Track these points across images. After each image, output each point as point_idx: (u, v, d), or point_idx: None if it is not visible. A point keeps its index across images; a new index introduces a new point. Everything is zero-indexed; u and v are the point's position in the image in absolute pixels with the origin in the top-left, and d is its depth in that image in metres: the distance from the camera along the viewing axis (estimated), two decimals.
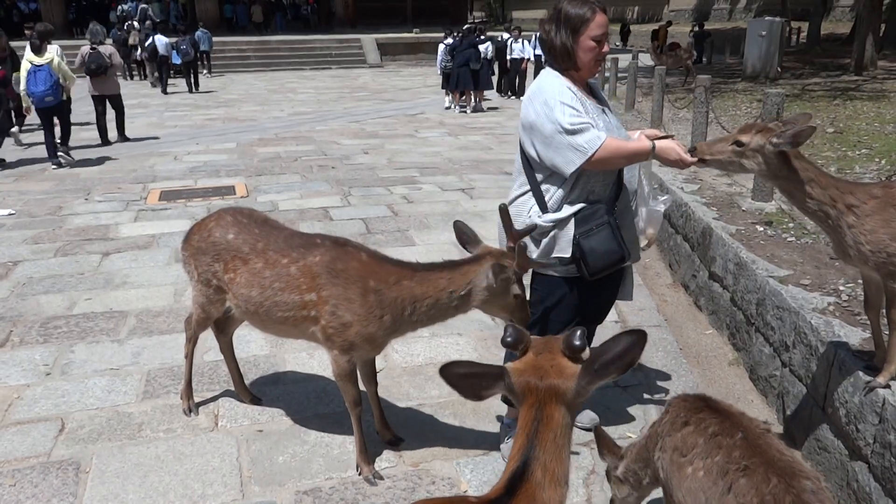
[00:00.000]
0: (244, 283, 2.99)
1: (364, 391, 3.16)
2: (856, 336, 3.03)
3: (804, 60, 18.04)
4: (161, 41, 19.01)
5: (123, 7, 27.98)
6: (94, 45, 10.67)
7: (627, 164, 2.89)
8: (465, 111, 14.67)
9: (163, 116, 14.26)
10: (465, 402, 3.60)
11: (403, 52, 26.85)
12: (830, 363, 2.99)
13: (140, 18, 25.22)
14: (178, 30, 20.46)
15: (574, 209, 2.79)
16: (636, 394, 3.74)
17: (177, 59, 18.85)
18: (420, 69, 24.80)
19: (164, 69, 18.94)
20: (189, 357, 3.50)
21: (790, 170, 2.50)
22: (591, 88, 2.94)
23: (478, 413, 3.53)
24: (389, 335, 2.90)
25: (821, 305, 3.38)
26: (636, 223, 3.11)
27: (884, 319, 2.60)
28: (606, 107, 2.94)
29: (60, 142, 9.82)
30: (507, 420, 3.25)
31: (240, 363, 3.67)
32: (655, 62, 16.88)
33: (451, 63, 14.59)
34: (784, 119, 2.71)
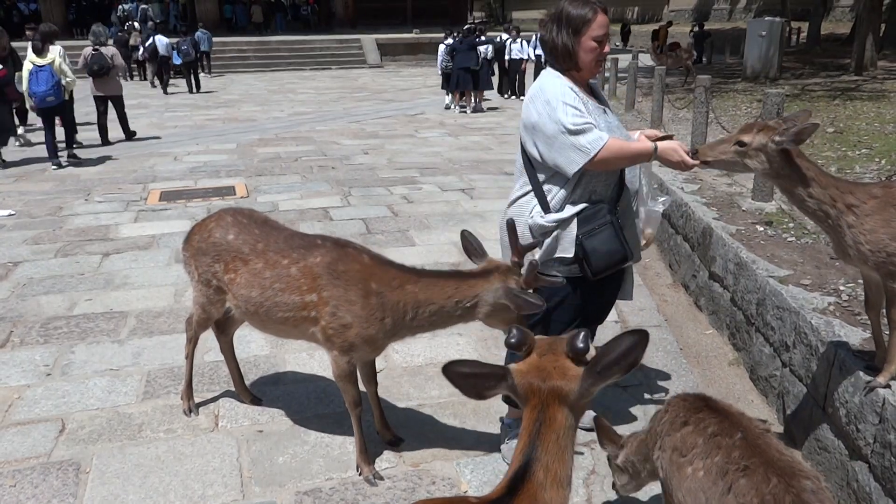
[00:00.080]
0: (244, 284, 2.99)
1: (364, 391, 3.17)
2: (856, 336, 3.03)
3: (804, 60, 18.04)
4: (161, 41, 19.03)
5: (124, 7, 28.00)
6: (97, 47, 10.69)
7: (630, 165, 2.89)
8: (465, 111, 14.67)
9: (163, 117, 14.26)
10: (466, 403, 3.60)
11: (403, 53, 26.84)
12: (831, 363, 2.99)
13: (141, 19, 25.26)
14: (180, 31, 20.47)
15: (576, 209, 2.79)
16: (636, 394, 3.74)
17: (177, 60, 18.86)
18: (420, 69, 24.79)
19: (165, 69, 18.96)
20: (189, 357, 3.50)
21: (792, 168, 2.50)
22: (592, 89, 2.94)
23: (478, 413, 3.53)
24: (389, 338, 2.90)
25: (821, 305, 3.38)
26: (636, 223, 3.12)
27: (884, 319, 2.60)
28: (607, 107, 2.94)
29: (66, 144, 9.84)
30: (508, 420, 3.24)
31: (240, 363, 3.67)
32: (655, 62, 16.89)
33: (452, 63, 14.61)
34: (784, 117, 2.71)
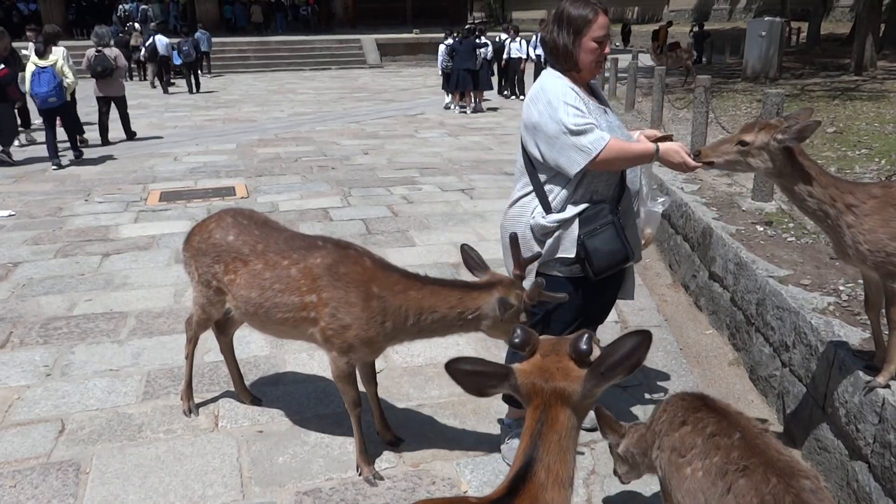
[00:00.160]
0: (244, 285, 2.99)
1: (364, 392, 3.17)
2: (856, 336, 3.03)
3: (804, 60, 18.03)
4: (161, 41, 19.03)
5: (125, 7, 28.01)
6: (100, 48, 10.70)
7: (631, 166, 2.88)
8: (465, 112, 14.67)
9: (163, 117, 14.26)
10: (466, 403, 3.61)
11: (403, 53, 26.84)
12: (830, 363, 2.99)
13: (141, 19, 25.27)
14: (181, 32, 20.48)
15: (578, 209, 2.78)
16: (636, 394, 3.74)
17: (177, 60, 18.86)
18: (420, 69, 24.79)
19: (165, 69, 18.96)
20: (189, 358, 3.50)
21: (794, 167, 2.50)
22: (592, 89, 2.94)
23: (478, 414, 3.53)
24: (389, 341, 2.90)
25: (821, 305, 3.38)
26: (637, 223, 3.12)
27: (884, 319, 2.60)
28: (607, 107, 2.94)
29: (70, 144, 9.85)
30: (508, 421, 3.24)
31: (240, 364, 3.67)
32: (655, 62, 16.89)
33: (452, 63, 14.61)
34: (786, 115, 2.71)
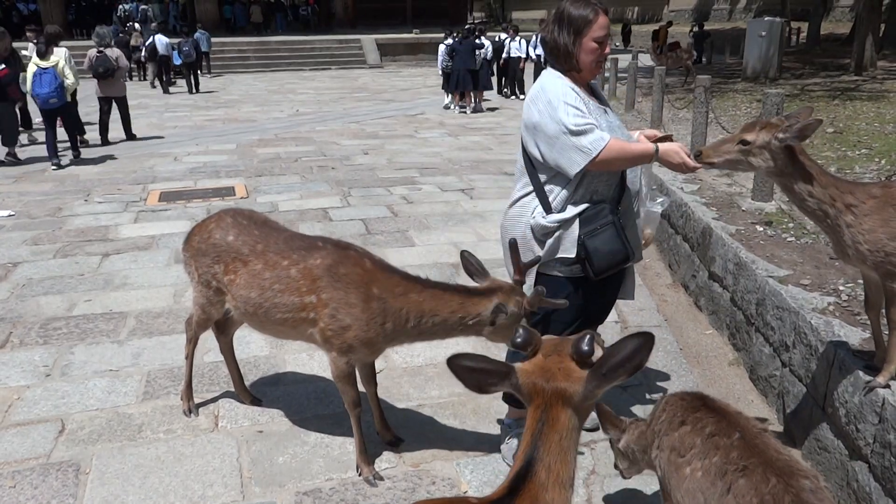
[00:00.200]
0: (243, 285, 2.99)
1: (364, 392, 3.17)
2: (856, 336, 3.03)
3: (804, 60, 18.02)
4: (161, 41, 19.02)
5: (125, 7, 28.00)
6: (101, 49, 10.70)
7: (631, 166, 2.88)
8: (465, 112, 14.68)
9: (163, 117, 14.25)
10: (466, 403, 3.61)
11: (403, 53, 26.84)
12: (830, 363, 2.99)
13: (141, 19, 25.25)
14: (181, 32, 20.47)
15: (578, 209, 2.78)
16: (636, 394, 3.74)
17: (177, 60, 18.86)
18: (420, 69, 24.78)
19: (165, 69, 18.95)
20: (189, 358, 3.50)
21: (795, 166, 2.50)
22: (592, 89, 2.94)
23: (478, 414, 3.53)
24: (388, 342, 2.91)
25: (821, 305, 3.38)
26: (637, 223, 3.12)
27: (884, 319, 2.60)
28: (607, 107, 2.94)
29: (70, 144, 9.85)
30: (508, 421, 3.24)
31: (240, 364, 3.67)
32: (655, 62, 16.88)
33: (452, 63, 14.61)
34: (787, 114, 2.70)
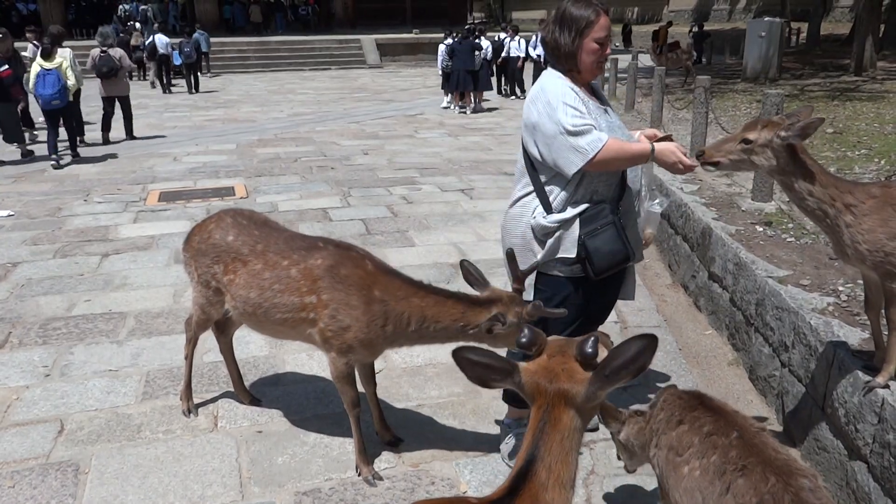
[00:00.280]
0: (243, 285, 2.99)
1: (363, 392, 3.17)
2: (855, 336, 3.03)
3: (804, 61, 18.02)
4: (161, 40, 19.02)
5: (125, 7, 28.00)
6: (105, 49, 10.70)
7: (629, 166, 2.88)
8: (465, 112, 14.68)
9: (162, 117, 14.25)
10: (465, 403, 3.61)
11: (403, 53, 26.82)
12: (830, 363, 2.99)
13: (142, 19, 25.25)
14: (183, 32, 20.47)
15: (579, 209, 2.78)
16: (636, 394, 3.73)
17: (178, 60, 18.85)
18: (420, 70, 24.77)
19: (165, 69, 18.95)
20: (189, 358, 3.50)
21: (797, 164, 2.50)
22: (593, 89, 2.94)
23: (477, 414, 3.53)
24: (388, 344, 2.91)
25: (820, 305, 3.38)
26: (637, 223, 3.12)
27: (883, 320, 2.60)
28: (608, 107, 2.94)
29: (69, 144, 9.86)
30: (507, 421, 3.24)
31: (239, 364, 3.67)
32: (655, 63, 16.88)
33: (451, 63, 14.61)
34: (788, 113, 2.70)
